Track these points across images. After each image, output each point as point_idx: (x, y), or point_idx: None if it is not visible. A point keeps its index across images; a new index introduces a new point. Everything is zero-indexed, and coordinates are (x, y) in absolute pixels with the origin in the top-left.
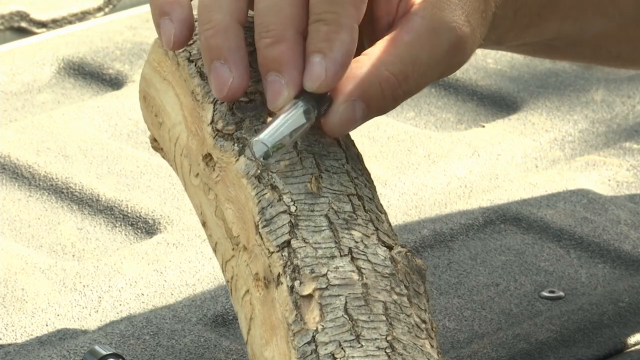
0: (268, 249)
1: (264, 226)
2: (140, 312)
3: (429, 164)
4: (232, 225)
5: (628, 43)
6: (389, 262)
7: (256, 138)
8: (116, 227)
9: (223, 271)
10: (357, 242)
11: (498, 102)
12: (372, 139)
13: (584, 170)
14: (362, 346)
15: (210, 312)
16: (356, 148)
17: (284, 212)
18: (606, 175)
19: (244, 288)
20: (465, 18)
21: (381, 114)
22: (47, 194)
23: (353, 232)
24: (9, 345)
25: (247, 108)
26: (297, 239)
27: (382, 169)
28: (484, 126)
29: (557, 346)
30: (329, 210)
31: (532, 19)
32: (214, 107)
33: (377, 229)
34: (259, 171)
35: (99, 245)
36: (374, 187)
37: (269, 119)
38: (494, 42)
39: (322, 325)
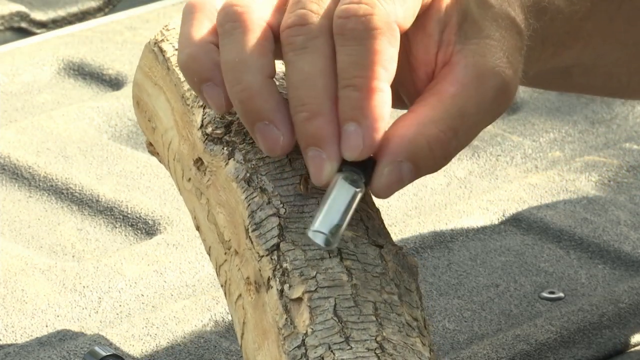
0: (258, 253)
1: (254, 230)
2: (140, 313)
3: None
4: (223, 229)
5: (639, 72)
6: (379, 261)
7: (312, 229)
8: (116, 227)
9: (217, 275)
10: (346, 242)
11: None
12: None
13: (583, 170)
14: (351, 348)
15: (210, 312)
16: None
17: (274, 214)
18: (606, 175)
19: (236, 292)
20: (507, 59)
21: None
22: (47, 194)
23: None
24: (9, 346)
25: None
26: (287, 242)
27: None
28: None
29: (557, 347)
30: None
31: (557, 48)
32: (203, 111)
33: (367, 227)
34: (248, 174)
35: (98, 246)
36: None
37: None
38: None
39: (312, 329)
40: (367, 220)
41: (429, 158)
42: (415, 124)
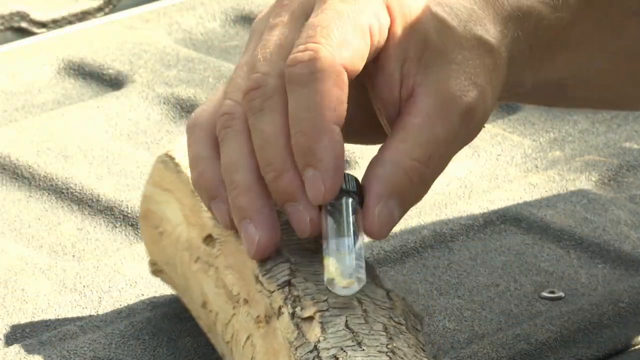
0: (269, 290)
1: (264, 274)
2: (140, 312)
3: None
4: (232, 287)
5: (631, 79)
6: (387, 299)
7: (341, 278)
8: (116, 227)
9: (224, 336)
10: None
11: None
12: None
13: (584, 170)
14: (363, 350)
15: None
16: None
17: (284, 262)
18: (606, 175)
19: (245, 336)
20: (471, 81)
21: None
22: (47, 194)
23: None
24: (9, 345)
25: None
26: (297, 278)
27: None
28: (484, 126)
29: (557, 347)
30: None
31: (544, 54)
32: None
33: (375, 276)
34: None
35: (99, 246)
36: None
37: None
38: (513, 85)
39: (324, 337)
40: (373, 274)
41: (411, 188)
42: (389, 160)
